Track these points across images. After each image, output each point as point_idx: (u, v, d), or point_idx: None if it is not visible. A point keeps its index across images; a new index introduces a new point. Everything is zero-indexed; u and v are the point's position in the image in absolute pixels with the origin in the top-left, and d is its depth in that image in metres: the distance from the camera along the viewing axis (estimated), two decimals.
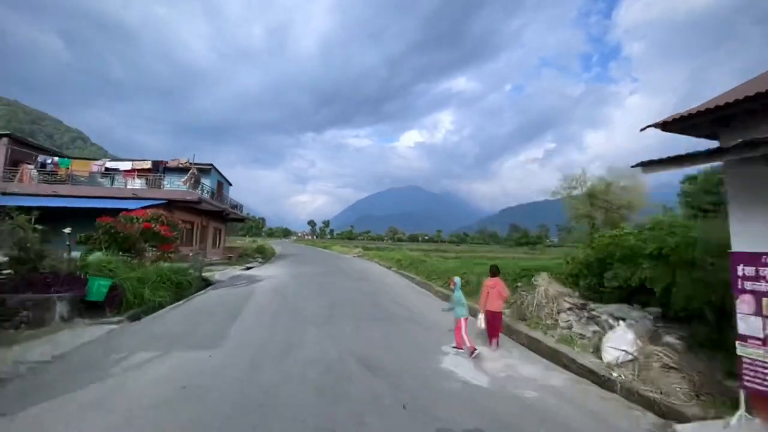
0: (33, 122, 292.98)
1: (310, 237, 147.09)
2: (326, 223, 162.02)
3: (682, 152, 3.35)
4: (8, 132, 20.85)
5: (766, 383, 3.30)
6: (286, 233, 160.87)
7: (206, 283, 13.54)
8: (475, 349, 5.72)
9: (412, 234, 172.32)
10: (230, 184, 31.82)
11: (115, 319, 7.55)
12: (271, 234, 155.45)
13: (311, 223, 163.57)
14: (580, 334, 6.13)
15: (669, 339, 5.05)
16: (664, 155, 3.50)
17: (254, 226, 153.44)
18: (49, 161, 21.04)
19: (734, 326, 3.57)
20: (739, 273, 3.54)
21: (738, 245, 3.63)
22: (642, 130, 4.27)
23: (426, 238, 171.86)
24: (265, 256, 29.70)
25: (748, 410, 3.39)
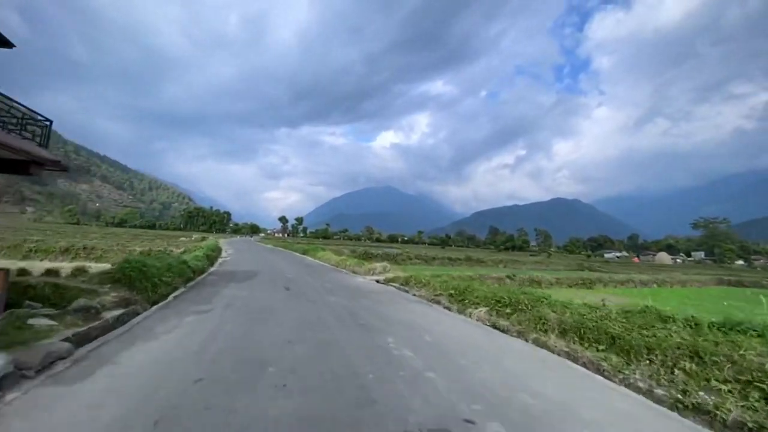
0: None
1: (281, 235, 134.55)
2: (299, 220, 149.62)
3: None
4: None
5: None
6: (254, 229, 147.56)
7: None
8: None
9: (391, 234, 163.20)
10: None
11: None
12: (237, 230, 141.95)
13: (282, 219, 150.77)
14: None
15: None
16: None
17: (218, 220, 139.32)
18: None
19: None
20: None
21: None
22: None
23: (405, 239, 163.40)
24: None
25: None
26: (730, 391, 4.59)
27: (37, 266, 12.78)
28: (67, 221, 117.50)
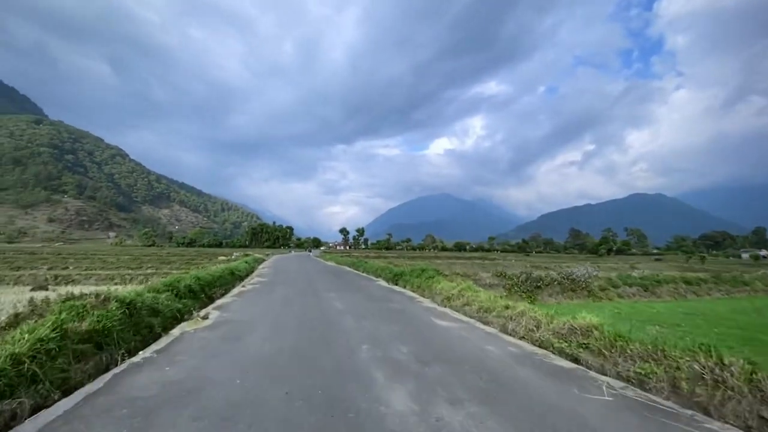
0: (75, 140, 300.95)
1: (342, 247, 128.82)
2: (360, 231, 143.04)
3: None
4: None
5: None
6: (316, 243, 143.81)
7: None
8: None
9: (458, 242, 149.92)
10: None
11: None
12: (300, 245, 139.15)
13: (343, 231, 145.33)
14: None
15: None
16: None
17: (281, 235, 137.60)
18: None
19: None
20: None
21: None
22: None
23: (473, 246, 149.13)
24: None
25: None
26: None
27: None
28: (144, 243, 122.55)
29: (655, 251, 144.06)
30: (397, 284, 13.82)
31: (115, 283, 23.09)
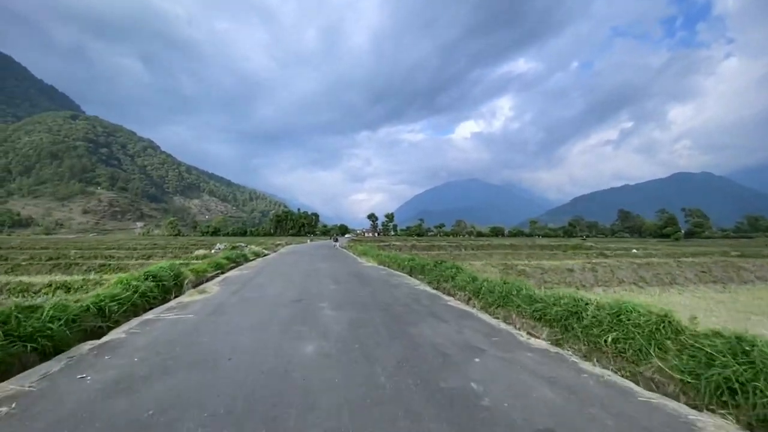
0: (109, 134, 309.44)
1: (371, 234, 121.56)
2: (389, 217, 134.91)
3: None
4: None
5: None
6: (343, 230, 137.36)
7: None
8: None
9: (494, 226, 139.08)
10: None
11: None
12: (326, 232, 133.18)
13: (372, 217, 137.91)
14: None
15: None
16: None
17: (306, 223, 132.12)
18: None
19: None
20: None
21: None
22: None
23: (511, 232, 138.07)
24: None
25: None
26: None
27: None
28: (170, 233, 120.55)
29: (718, 234, 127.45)
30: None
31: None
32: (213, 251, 25.95)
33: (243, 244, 30.75)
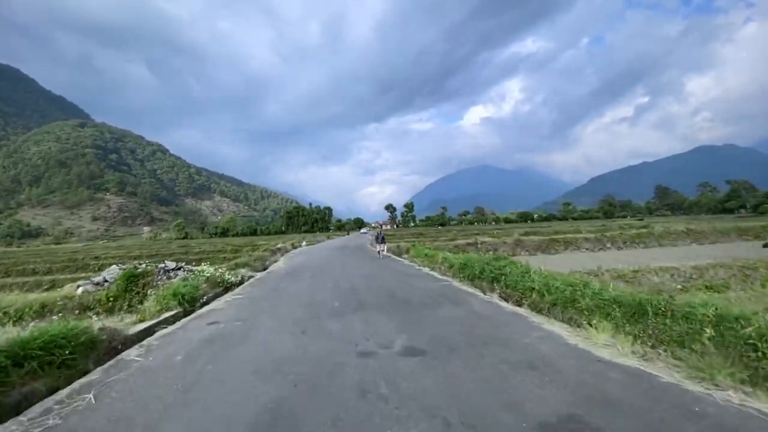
0: (117, 140, 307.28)
1: (389, 226, 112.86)
2: (409, 207, 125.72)
3: None
4: None
5: None
6: (359, 224, 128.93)
7: None
8: None
9: (522, 212, 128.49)
10: None
11: None
12: (341, 227, 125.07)
13: (389, 207, 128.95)
14: None
15: None
16: None
17: (319, 218, 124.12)
18: None
19: None
20: None
21: None
22: None
23: (541, 216, 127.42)
24: None
25: None
26: None
27: None
28: (177, 236, 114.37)
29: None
30: None
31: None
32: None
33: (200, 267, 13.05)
